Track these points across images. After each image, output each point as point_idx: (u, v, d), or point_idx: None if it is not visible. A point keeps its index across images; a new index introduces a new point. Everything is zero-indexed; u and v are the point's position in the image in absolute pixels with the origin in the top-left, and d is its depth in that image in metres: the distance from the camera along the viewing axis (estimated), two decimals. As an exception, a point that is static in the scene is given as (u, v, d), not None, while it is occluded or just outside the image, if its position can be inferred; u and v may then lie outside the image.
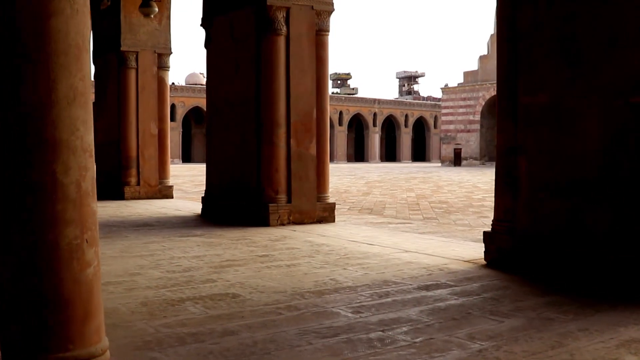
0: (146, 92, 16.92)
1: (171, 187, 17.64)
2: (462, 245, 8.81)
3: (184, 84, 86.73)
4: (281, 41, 10.91)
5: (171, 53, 17.25)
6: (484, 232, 7.44)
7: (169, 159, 17.78)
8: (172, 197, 17.46)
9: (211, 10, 12.49)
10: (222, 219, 11.73)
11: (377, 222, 13.05)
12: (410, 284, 6.03)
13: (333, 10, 11.35)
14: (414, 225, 12.69)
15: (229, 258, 7.34)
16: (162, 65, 17.14)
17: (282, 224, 10.79)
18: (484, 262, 7.30)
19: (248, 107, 11.38)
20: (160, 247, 8.20)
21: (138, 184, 16.98)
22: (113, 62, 17.05)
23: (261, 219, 10.77)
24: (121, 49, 16.62)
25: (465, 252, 8.09)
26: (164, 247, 8.19)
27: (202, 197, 12.87)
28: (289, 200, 10.96)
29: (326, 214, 11.38)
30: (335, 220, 11.58)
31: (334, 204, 11.64)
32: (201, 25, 12.75)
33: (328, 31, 11.42)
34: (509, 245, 7.03)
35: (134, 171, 16.95)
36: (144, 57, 16.86)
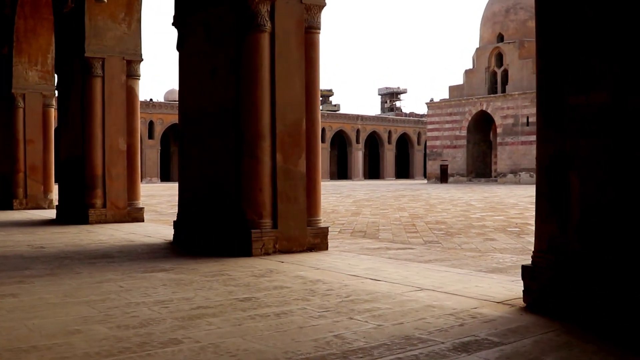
0: (114, 103, 15.28)
1: (142, 209, 15.96)
2: (485, 280, 7.28)
3: (162, 100, 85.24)
4: (265, 39, 9.38)
5: (142, 60, 15.65)
6: (523, 267, 5.93)
7: (139, 178, 16.10)
8: (142, 221, 15.78)
9: (185, 8, 10.96)
10: (197, 247, 10.13)
11: (374, 248, 11.50)
12: (442, 342, 4.48)
13: (325, 4, 9.86)
14: (416, 251, 11.16)
15: (202, 304, 5.74)
16: (131, 73, 15.52)
17: (267, 254, 9.21)
18: (522, 303, 5.80)
19: (227, 117, 9.83)
20: (117, 288, 6.58)
21: (104, 206, 15.28)
22: (77, 70, 15.41)
23: (242, 248, 9.18)
24: (85, 54, 14.98)
25: (492, 289, 6.58)
26: (121, 288, 6.57)
27: (174, 222, 11.25)
28: (274, 225, 9.38)
29: (318, 241, 9.80)
30: (329, 247, 10.02)
31: (326, 229, 10.07)
32: (173, 24, 11.19)
33: (319, 29, 9.91)
34: (556, 283, 5.52)
35: (99, 192, 15.25)
36: (111, 64, 15.23)
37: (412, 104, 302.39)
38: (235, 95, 9.61)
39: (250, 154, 9.34)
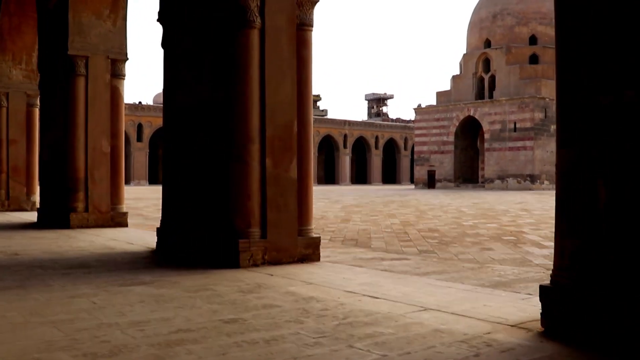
0: (97, 104, 14.62)
1: (125, 214, 15.30)
2: (493, 298, 6.69)
3: (151, 103, 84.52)
4: (255, 36, 8.77)
5: (127, 59, 15.00)
6: (541, 287, 5.33)
7: (123, 181, 15.44)
8: (126, 226, 15.11)
9: (170, 3, 10.34)
10: (181, 256, 9.51)
11: (368, 259, 10.90)
12: (457, 378, 3.89)
13: (318, 0, 9.27)
14: (412, 262, 10.57)
15: (182, 326, 5.11)
16: (116, 72, 14.87)
17: (256, 265, 8.59)
18: (539, 327, 5.22)
19: (214, 118, 9.22)
20: (89, 305, 5.94)
21: (86, 210, 14.61)
22: (60, 69, 14.74)
23: (229, 259, 8.55)
24: (69, 52, 14.32)
25: (503, 309, 6.00)
26: (94, 306, 5.93)
27: (158, 229, 10.61)
28: (263, 235, 8.77)
29: (309, 252, 9.20)
30: (320, 258, 9.42)
31: (318, 239, 9.46)
32: (158, 20, 10.57)
33: (312, 26, 9.32)
34: (582, 305, 4.94)
35: (81, 195, 14.59)
36: (96, 63, 14.57)
37: (399, 109, 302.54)
38: (223, 95, 9.01)
39: (239, 158, 8.73)
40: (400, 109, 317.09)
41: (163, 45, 10.54)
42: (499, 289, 7.66)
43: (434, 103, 69.50)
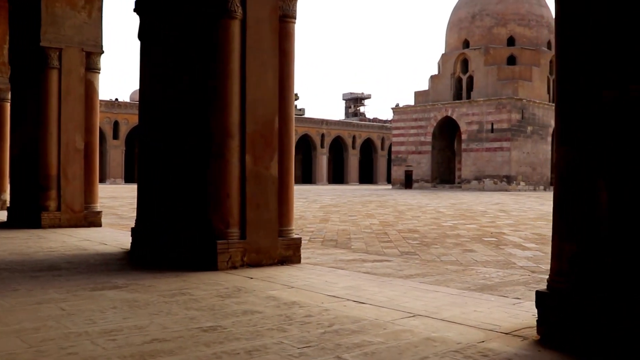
0: (71, 98, 14.15)
1: (99, 213, 14.85)
2: (482, 302, 6.42)
3: (128, 100, 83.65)
4: (236, 27, 8.42)
5: (102, 52, 14.55)
6: (538, 293, 5.07)
7: (97, 179, 14.98)
8: (100, 225, 14.67)
9: (147, -7, 9.97)
10: (156, 257, 9.15)
11: (349, 260, 10.60)
12: (455, 393, 3.59)
13: (301, -8, 8.95)
14: (394, 263, 10.28)
15: (157, 335, 4.76)
16: (91, 66, 14.42)
17: (234, 267, 8.25)
18: (535, 335, 4.97)
19: (192, 113, 8.86)
20: (57, 312, 5.56)
21: (59, 209, 14.14)
22: (32, 61, 14.25)
23: (207, 260, 8.21)
24: (41, 44, 13.84)
25: (494, 315, 5.74)
26: (63, 312, 5.55)
27: (132, 229, 10.22)
28: (242, 236, 8.43)
29: (290, 253, 8.88)
30: (301, 260, 9.11)
31: (299, 240, 9.15)
32: (134, 10, 10.18)
33: (294, 18, 9.01)
34: (581, 312, 4.68)
35: (53, 193, 14.12)
36: (70, 56, 14.11)
37: (376, 109, 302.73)
38: (202, 89, 8.66)
39: (217, 155, 8.38)
40: (377, 109, 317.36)
41: (140, 36, 10.16)
42: (486, 293, 7.40)
43: (412, 103, 69.38)
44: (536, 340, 4.85)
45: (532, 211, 25.81)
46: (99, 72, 14.67)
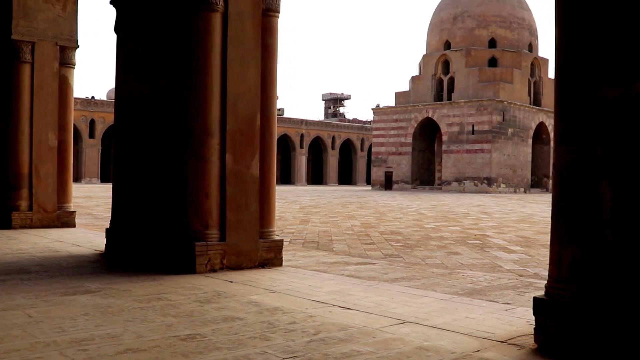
0: (44, 94, 13.72)
1: (73, 213, 14.43)
2: (474, 308, 6.15)
3: (105, 98, 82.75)
4: (216, 20, 8.10)
5: (77, 46, 14.13)
6: (535, 300, 4.80)
7: (71, 178, 14.55)
8: (73, 226, 14.25)
9: (123, -15, 9.60)
10: (132, 260, 8.79)
11: (331, 263, 10.29)
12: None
13: (285, -15, 8.64)
14: (378, 266, 10.00)
15: (131, 345, 4.43)
16: (65, 61, 13.99)
17: (213, 270, 7.92)
18: (532, 343, 4.72)
19: (171, 110, 8.52)
20: (24, 320, 5.20)
21: (30, 209, 13.71)
22: (3, 55, 13.78)
23: (185, 263, 7.87)
24: (12, 37, 13.39)
25: (487, 321, 5.48)
26: (30, 320, 5.19)
27: (107, 229, 9.85)
28: (222, 237, 8.10)
29: (271, 256, 8.57)
30: (283, 262, 8.80)
31: (281, 242, 8.85)
32: (110, 2, 9.81)
33: (278, 12, 8.70)
34: (581, 320, 4.43)
35: (25, 192, 13.69)
36: (43, 50, 13.68)
37: (356, 110, 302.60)
38: (180, 85, 8.33)
39: (196, 153, 8.05)
40: (357, 110, 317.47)
41: (116, 29, 9.80)
42: (475, 298, 7.14)
43: (392, 104, 69.22)
44: (533, 349, 4.60)
45: (515, 213, 25.67)
46: (74, 67, 14.25)
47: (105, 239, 9.94)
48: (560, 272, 4.66)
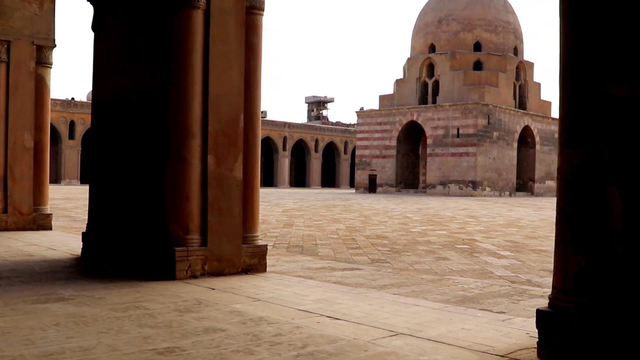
0: (20, 94, 13.32)
1: (49, 215, 14.01)
2: (469, 318, 5.85)
3: (85, 100, 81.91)
4: (198, 18, 7.76)
5: (55, 46, 13.73)
6: (539, 312, 4.51)
7: (48, 180, 14.13)
8: (50, 229, 13.83)
9: (102, -20, 9.24)
10: (109, 265, 8.42)
11: (317, 268, 9.97)
12: None
13: (270, -20, 8.31)
14: (366, 272, 9.69)
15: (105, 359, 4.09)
16: (42, 60, 13.60)
17: (194, 277, 7.57)
18: (535, 358, 4.43)
19: (150, 110, 8.18)
20: (-10, 330, 4.85)
21: (5, 211, 13.29)
22: (-22, 55, 13.38)
23: (164, 269, 7.52)
24: (-13, 36, 13.00)
25: (483, 333, 5.19)
26: (-5, 330, 4.84)
27: (84, 233, 9.47)
28: (204, 242, 7.76)
29: (255, 261, 8.24)
30: (267, 268, 8.46)
31: (265, 248, 8.52)
32: (88, 0, 9.44)
33: (262, 10, 8.38)
34: (589, 334, 4.14)
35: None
36: (19, 49, 13.28)
37: (339, 113, 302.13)
38: (161, 85, 7.98)
39: (177, 155, 7.70)
40: (340, 113, 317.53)
41: (93, 27, 9.44)
42: (468, 307, 6.86)
43: (376, 107, 68.96)
44: (536, 363, 4.29)
45: (501, 217, 25.46)
46: (51, 67, 13.85)
47: (82, 243, 9.56)
48: (566, 282, 4.37)
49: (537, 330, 4.65)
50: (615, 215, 4.09)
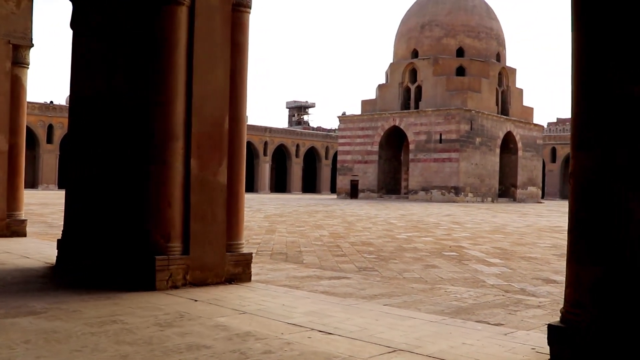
0: (-6, 95, 12.82)
1: (24, 221, 13.50)
2: (469, 332, 5.51)
3: (64, 103, 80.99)
4: (182, 14, 7.38)
5: (32, 45, 13.26)
6: (550, 327, 4.20)
7: (23, 185, 13.63)
8: (24, 235, 13.32)
9: (80, -24, 8.83)
10: (86, 274, 7.99)
11: (303, 277, 9.61)
12: None
13: (257, -24, 7.96)
14: (354, 281, 9.34)
15: (76, 385, 3.70)
16: (18, 60, 13.10)
17: (175, 287, 7.18)
18: (546, 378, 4.07)
19: (131, 111, 7.78)
20: (-49, 349, 4.43)
21: (-23, 217, 12.79)
22: (-49, 54, 12.88)
23: (144, 279, 7.11)
24: (-40, 34, 12.51)
25: (487, 349, 4.87)
26: (-42, 349, 4.43)
27: (59, 240, 9.03)
28: (185, 251, 7.37)
29: (239, 270, 7.86)
30: (252, 277, 8.09)
31: (250, 256, 8.14)
32: (65, -5, 9.03)
33: (249, 8, 8.02)
34: (603, 351, 3.83)
35: (-28, 200, 12.76)
36: (-6, 48, 12.78)
37: (320, 118, 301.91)
38: (143, 84, 7.58)
39: (158, 159, 7.31)
40: (321, 118, 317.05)
41: (73, 24, 9.02)
42: (464, 318, 6.55)
43: (358, 113, 68.70)
44: (549, 385, 3.96)
45: (486, 223, 25.22)
46: (28, 67, 13.37)
47: (57, 250, 9.12)
48: (580, 295, 4.05)
49: (543, 346, 4.35)
50: (635, 221, 3.78)
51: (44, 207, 30.50)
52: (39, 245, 11.95)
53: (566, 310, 4.13)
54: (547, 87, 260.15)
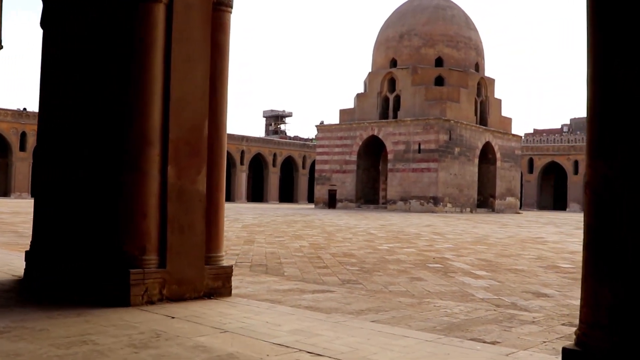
0: (-38, 101, 12.31)
1: (-7, 231, 12.98)
2: (469, 354, 5.17)
3: (37, 110, 79.94)
4: (159, 12, 6.97)
5: (1, 47, 12.75)
6: (565, 350, 3.82)
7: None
8: (-8, 246, 12.82)
9: (51, -28, 8.38)
10: (55, 289, 7.50)
11: (285, 290, 9.19)
12: None
13: (239, -26, 7.56)
14: (338, 295, 8.95)
15: (37, 421, 3.25)
16: (-14, 65, 12.62)
17: (151, 302, 6.73)
18: (558, 407, 3.69)
19: (104, 116, 7.34)
20: None
21: (-56, 226, 12.24)
22: None
23: (117, 294, 6.66)
24: None
25: (489, 373, 4.44)
26: None
27: (27, 252, 8.54)
28: (162, 264, 6.92)
29: (219, 284, 7.43)
30: (232, 291, 7.66)
31: (230, 269, 7.71)
32: (35, -7, 8.58)
33: (231, 7, 7.64)
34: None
35: (-61, 208, 12.21)
36: (-40, 52, 12.26)
37: (297, 127, 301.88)
38: (117, 87, 7.15)
39: (133, 166, 6.87)
40: (298, 127, 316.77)
41: (43, 24, 8.56)
42: (459, 336, 6.20)
43: (335, 122, 68.39)
44: (563, 415, 3.58)
45: (467, 234, 24.93)
46: (-2, 71, 12.88)
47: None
48: (598, 316, 3.68)
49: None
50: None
51: (15, 216, 29.78)
52: (6, 257, 11.40)
53: (582, 332, 3.77)
54: (523, 96, 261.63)
